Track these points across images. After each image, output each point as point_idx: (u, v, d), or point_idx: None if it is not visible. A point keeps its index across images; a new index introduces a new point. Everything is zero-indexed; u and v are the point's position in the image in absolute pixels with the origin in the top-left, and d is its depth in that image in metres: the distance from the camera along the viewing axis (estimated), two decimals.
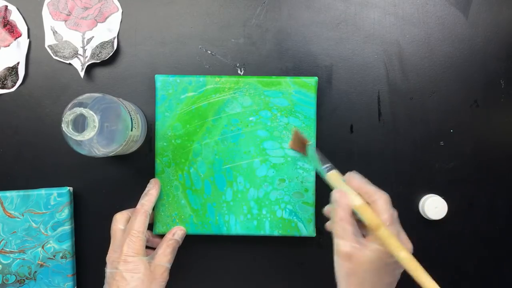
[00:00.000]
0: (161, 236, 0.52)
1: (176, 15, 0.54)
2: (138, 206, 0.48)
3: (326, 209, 0.44)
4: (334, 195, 0.41)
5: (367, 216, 0.40)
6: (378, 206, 0.40)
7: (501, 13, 0.55)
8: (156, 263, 0.46)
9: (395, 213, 0.41)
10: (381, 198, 0.40)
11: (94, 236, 0.54)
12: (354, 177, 0.43)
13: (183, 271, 0.55)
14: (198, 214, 0.52)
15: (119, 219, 0.48)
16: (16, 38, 0.53)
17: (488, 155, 0.55)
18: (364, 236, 0.41)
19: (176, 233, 0.50)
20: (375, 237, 0.39)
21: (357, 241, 0.39)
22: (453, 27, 0.54)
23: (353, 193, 0.41)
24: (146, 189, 0.50)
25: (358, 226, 0.41)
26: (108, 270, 0.46)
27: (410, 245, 0.40)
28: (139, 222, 0.46)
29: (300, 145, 0.50)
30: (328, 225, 0.44)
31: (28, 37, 0.53)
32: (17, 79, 0.53)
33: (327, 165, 0.45)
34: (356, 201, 0.40)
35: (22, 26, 0.53)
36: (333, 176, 0.44)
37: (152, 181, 0.51)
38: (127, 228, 0.47)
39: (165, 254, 0.47)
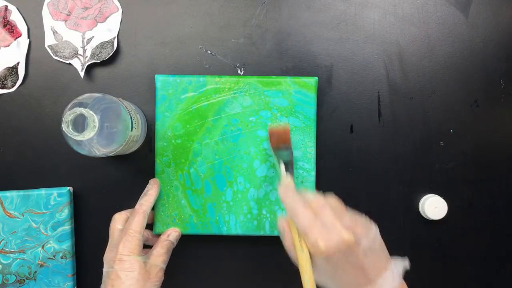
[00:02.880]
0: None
1: (176, 15, 0.54)
2: (137, 206, 0.48)
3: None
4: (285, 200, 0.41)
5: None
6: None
7: (501, 13, 0.55)
8: (151, 263, 0.46)
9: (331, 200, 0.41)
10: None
11: (94, 236, 0.54)
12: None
13: (183, 271, 0.55)
14: (198, 214, 0.52)
15: (118, 219, 0.48)
16: (16, 38, 0.53)
17: (488, 155, 0.55)
18: None
19: (170, 235, 0.50)
20: None
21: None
22: (453, 27, 0.54)
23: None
24: (145, 189, 0.50)
25: None
26: (105, 269, 0.46)
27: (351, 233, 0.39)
28: (137, 222, 0.46)
29: (281, 139, 0.49)
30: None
31: (28, 37, 0.53)
32: (17, 79, 0.53)
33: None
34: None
35: (22, 26, 0.53)
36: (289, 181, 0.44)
37: (151, 181, 0.51)
38: (124, 227, 0.47)
39: (159, 255, 0.48)
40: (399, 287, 0.39)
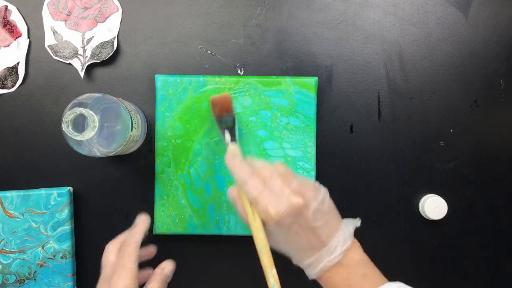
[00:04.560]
0: (161, 236, 0.52)
1: (176, 15, 0.54)
2: (128, 237, 0.45)
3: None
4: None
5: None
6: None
7: (501, 13, 0.55)
8: None
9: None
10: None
11: (94, 236, 0.54)
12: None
13: (183, 271, 0.55)
14: (198, 214, 0.52)
15: (111, 250, 0.45)
16: (16, 38, 0.53)
17: (488, 155, 0.55)
18: None
19: (165, 268, 0.46)
20: None
21: None
22: (453, 27, 0.54)
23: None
24: (136, 220, 0.46)
25: None
26: None
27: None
28: (129, 254, 0.43)
29: (224, 107, 0.48)
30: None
31: (28, 37, 0.53)
32: (17, 79, 0.53)
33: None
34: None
35: (22, 26, 0.53)
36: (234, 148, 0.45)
37: (142, 214, 0.47)
38: (116, 260, 0.43)
39: None
40: (351, 246, 0.40)
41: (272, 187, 0.39)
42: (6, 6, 0.53)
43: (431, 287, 0.55)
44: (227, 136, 0.46)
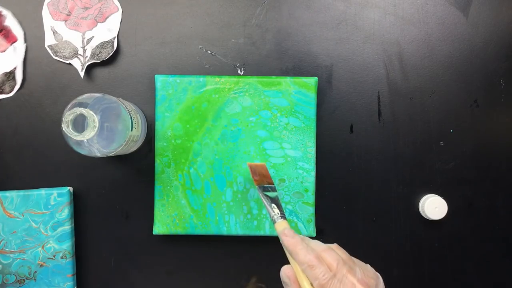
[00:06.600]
0: (161, 236, 0.52)
1: (176, 15, 0.54)
2: None
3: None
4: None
5: None
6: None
7: (501, 13, 0.55)
8: None
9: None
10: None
11: (94, 236, 0.54)
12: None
13: (183, 271, 0.55)
14: (198, 214, 0.52)
15: None
16: (12, 43, 0.53)
17: (488, 155, 0.55)
18: None
19: None
20: None
21: None
22: (453, 27, 0.54)
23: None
24: None
25: None
26: None
27: None
28: None
29: (264, 176, 0.48)
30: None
31: (25, 41, 0.53)
32: (15, 84, 0.53)
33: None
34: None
35: (17, 31, 0.53)
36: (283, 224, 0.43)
37: None
38: None
39: None
40: None
41: (339, 276, 0.38)
42: (1, 11, 0.53)
43: (431, 287, 0.55)
44: (276, 211, 0.43)
